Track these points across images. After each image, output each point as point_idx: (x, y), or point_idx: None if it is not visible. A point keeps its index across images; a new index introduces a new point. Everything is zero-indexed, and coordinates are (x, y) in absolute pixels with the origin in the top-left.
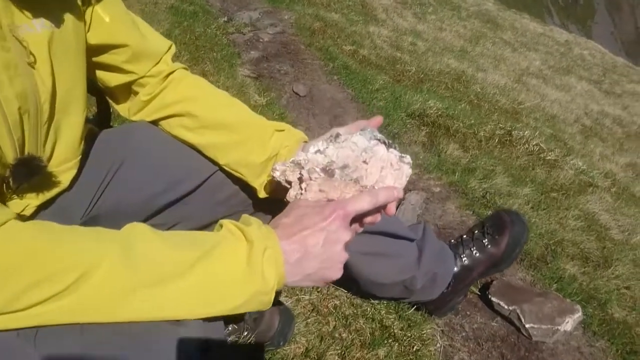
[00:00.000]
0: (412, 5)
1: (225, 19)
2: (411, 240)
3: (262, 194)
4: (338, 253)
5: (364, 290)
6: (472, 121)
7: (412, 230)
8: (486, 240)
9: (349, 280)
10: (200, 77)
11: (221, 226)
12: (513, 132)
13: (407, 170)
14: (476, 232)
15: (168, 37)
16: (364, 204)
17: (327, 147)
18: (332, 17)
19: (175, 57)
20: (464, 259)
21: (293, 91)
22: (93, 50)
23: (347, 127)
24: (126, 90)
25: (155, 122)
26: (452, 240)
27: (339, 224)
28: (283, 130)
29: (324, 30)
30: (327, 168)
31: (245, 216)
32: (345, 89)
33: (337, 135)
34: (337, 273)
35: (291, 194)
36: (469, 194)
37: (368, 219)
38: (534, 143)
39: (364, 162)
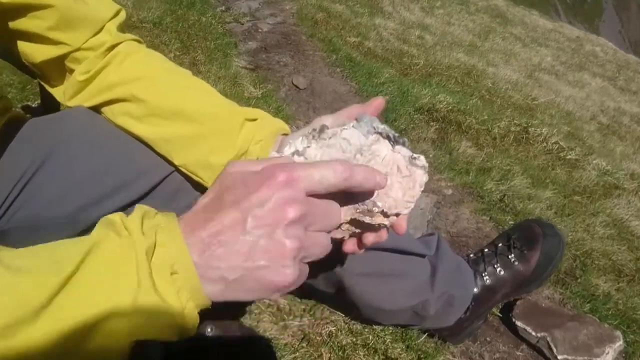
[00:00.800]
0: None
1: (223, 8)
2: (422, 256)
3: None
4: (279, 242)
5: (366, 316)
6: (485, 117)
7: (423, 243)
8: (513, 255)
9: (346, 303)
10: (157, 52)
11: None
12: (530, 129)
13: (421, 177)
14: (500, 245)
15: (158, 25)
16: (327, 172)
17: (308, 146)
18: (336, 9)
19: (164, 45)
20: (485, 278)
21: (292, 83)
22: (6, 13)
23: (336, 115)
24: (59, 68)
25: (96, 109)
26: (471, 255)
27: (280, 196)
28: (256, 120)
29: (327, 22)
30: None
31: (138, 206)
32: (349, 82)
33: (323, 129)
34: (286, 275)
35: None
36: (485, 197)
37: (370, 238)
38: (553, 141)
39: None
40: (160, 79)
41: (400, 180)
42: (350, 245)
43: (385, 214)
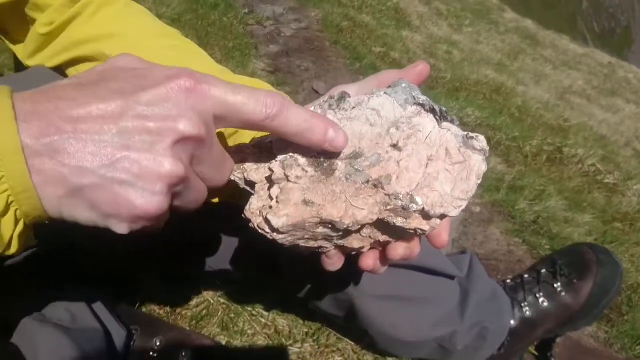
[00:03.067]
0: (448, 17)
1: (246, 10)
2: (452, 277)
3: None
4: (158, 159)
5: (380, 347)
6: (517, 134)
7: (453, 263)
8: (559, 284)
9: (358, 329)
10: (140, 5)
11: None
12: (564, 150)
13: (479, 166)
14: (544, 271)
15: (177, 21)
16: (247, 100)
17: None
18: (362, 19)
19: None
20: (525, 310)
21: (312, 88)
22: None
23: (362, 84)
24: (18, 17)
25: (60, 71)
26: (508, 280)
27: (179, 103)
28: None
29: (353, 30)
30: (322, 158)
31: None
32: None
33: (343, 97)
34: (152, 202)
35: (253, 207)
36: (517, 218)
37: (399, 251)
38: (590, 163)
39: (394, 146)
40: (138, 36)
41: (449, 168)
42: (369, 260)
43: (427, 215)
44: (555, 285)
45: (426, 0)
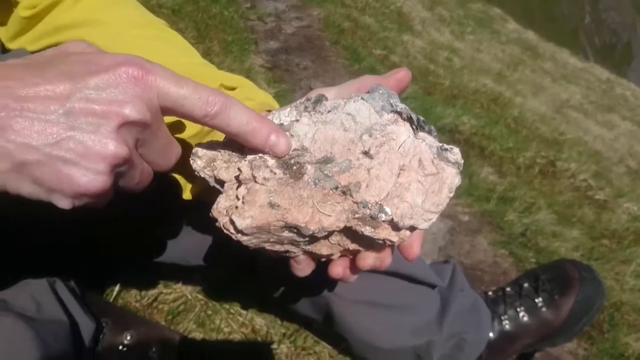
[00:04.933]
0: (450, 23)
1: (248, 5)
2: (432, 286)
3: (186, 194)
4: (103, 140)
5: (356, 352)
6: (511, 145)
7: (435, 271)
8: (540, 299)
9: (335, 333)
10: None
11: None
12: (557, 163)
13: (451, 179)
14: (526, 285)
15: (177, 12)
16: (189, 93)
17: (296, 120)
18: (364, 20)
19: (179, 32)
20: (505, 323)
21: (310, 87)
22: None
23: (340, 88)
24: (2, 1)
25: None
26: (490, 292)
27: (125, 89)
28: (235, 89)
29: (354, 31)
30: (292, 160)
31: None
32: None
33: (320, 99)
34: (95, 180)
35: (220, 206)
36: (505, 229)
37: (367, 261)
38: (581, 178)
39: (366, 153)
40: (122, 25)
41: (421, 179)
42: (338, 268)
43: (395, 226)
44: (537, 300)
45: (430, 5)
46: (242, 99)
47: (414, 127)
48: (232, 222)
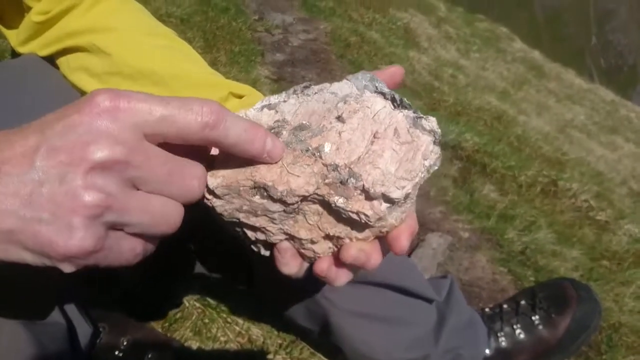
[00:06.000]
0: (456, 41)
1: (256, 17)
2: (430, 301)
3: None
4: (71, 190)
5: None
6: (513, 163)
7: (433, 286)
8: (537, 317)
9: (332, 345)
10: (138, 3)
11: None
12: (559, 183)
13: (426, 146)
14: (523, 302)
15: (186, 22)
16: (177, 112)
17: (285, 100)
18: (371, 35)
19: (187, 41)
20: (501, 340)
21: None
22: None
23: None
24: (14, 4)
25: (51, 60)
26: (487, 309)
27: (91, 127)
28: (243, 97)
29: (360, 46)
30: (272, 131)
31: None
32: None
33: (309, 85)
34: (71, 238)
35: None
36: (505, 247)
37: (351, 251)
38: (583, 198)
39: (338, 118)
40: (132, 33)
41: (396, 148)
42: (322, 264)
43: (367, 194)
44: (533, 318)
45: (436, 22)
46: (250, 105)
47: (395, 104)
48: (207, 186)
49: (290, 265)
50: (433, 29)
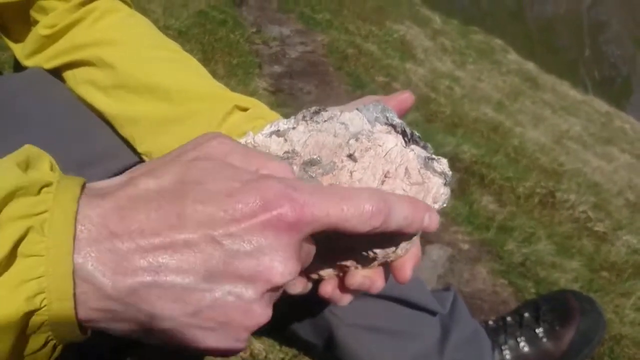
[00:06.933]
0: (452, 53)
1: (254, 29)
2: (433, 313)
3: None
4: (247, 307)
5: None
6: (510, 174)
7: (436, 298)
8: (541, 329)
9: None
10: (144, 17)
11: None
12: (556, 194)
13: (437, 188)
14: (527, 315)
15: (184, 34)
16: (350, 214)
17: (293, 127)
18: (368, 47)
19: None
20: (505, 353)
21: None
22: None
23: (342, 107)
24: (22, 17)
25: (57, 74)
26: (490, 322)
27: (277, 245)
28: (248, 110)
29: (357, 58)
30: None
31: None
32: None
33: (318, 111)
34: (234, 347)
35: None
36: (505, 258)
37: (356, 279)
38: (581, 210)
39: (350, 156)
40: (139, 46)
41: (406, 188)
42: (327, 286)
43: None
44: (537, 331)
45: (432, 35)
46: (254, 117)
47: (406, 139)
48: None
49: (296, 285)
50: (429, 41)
